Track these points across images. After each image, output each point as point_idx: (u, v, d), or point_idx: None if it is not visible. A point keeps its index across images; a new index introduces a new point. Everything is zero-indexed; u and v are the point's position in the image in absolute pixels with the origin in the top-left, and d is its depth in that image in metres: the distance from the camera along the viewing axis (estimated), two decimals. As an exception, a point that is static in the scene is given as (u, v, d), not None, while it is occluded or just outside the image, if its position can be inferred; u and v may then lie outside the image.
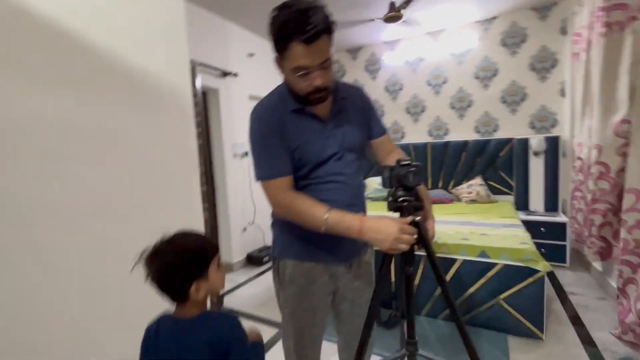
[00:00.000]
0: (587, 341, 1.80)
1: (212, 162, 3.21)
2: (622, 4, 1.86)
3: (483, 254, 1.98)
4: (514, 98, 3.42)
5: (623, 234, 1.72)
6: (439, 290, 2.07)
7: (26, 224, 1.17)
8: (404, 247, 0.81)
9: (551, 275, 2.64)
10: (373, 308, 0.91)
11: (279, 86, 0.99)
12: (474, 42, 3.53)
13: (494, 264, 1.91)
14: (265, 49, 3.68)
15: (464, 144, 3.55)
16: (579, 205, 2.55)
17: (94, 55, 1.37)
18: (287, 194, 0.92)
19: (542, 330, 1.82)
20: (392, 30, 3.61)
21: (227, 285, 2.88)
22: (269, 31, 0.83)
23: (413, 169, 0.83)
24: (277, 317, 2.22)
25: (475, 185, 3.39)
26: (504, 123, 3.50)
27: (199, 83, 2.20)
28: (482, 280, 1.94)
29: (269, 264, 3.34)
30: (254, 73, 3.50)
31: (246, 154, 3.41)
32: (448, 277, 2.03)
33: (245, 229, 3.42)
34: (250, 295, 2.68)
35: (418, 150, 3.78)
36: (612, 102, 1.99)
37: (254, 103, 3.59)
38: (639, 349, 1.58)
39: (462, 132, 3.71)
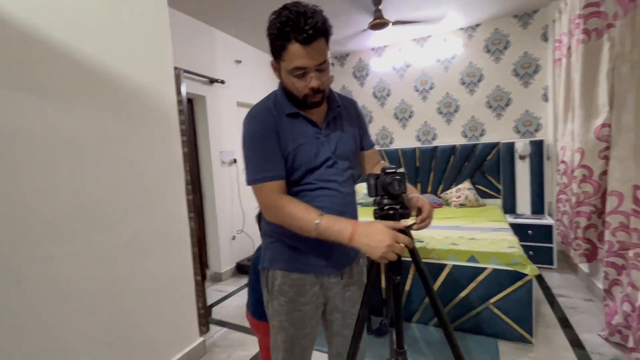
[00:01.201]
0: (576, 344, 1.81)
1: (199, 170, 3.17)
2: (599, 12, 1.92)
3: (472, 258, 1.98)
4: (499, 103, 3.48)
5: (607, 236, 1.75)
6: (429, 296, 2.06)
7: (12, 234, 1.12)
8: (394, 256, 0.80)
9: (539, 278, 2.66)
10: (361, 318, 0.89)
11: (274, 91, 0.99)
12: (458, 49, 3.59)
13: (483, 269, 1.92)
14: (252, 56, 3.67)
15: (452, 149, 3.59)
16: (564, 208, 2.59)
17: (76, 64, 1.34)
18: (280, 197, 0.91)
19: (531, 334, 1.83)
20: (378, 37, 3.65)
21: (215, 296, 2.82)
22: (267, 33, 0.85)
23: (398, 177, 0.83)
24: (266, 327, 2.18)
25: (463, 190, 3.42)
26: (490, 127, 3.55)
27: (184, 90, 2.17)
28: (472, 285, 1.94)
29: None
30: (241, 80, 3.48)
31: (234, 161, 3.37)
32: (438, 283, 2.03)
33: (234, 238, 3.36)
34: (239, 306, 2.62)
35: (407, 155, 3.81)
36: (592, 107, 2.03)
37: (242, 110, 3.53)
38: (626, 350, 1.60)
39: (449, 136, 3.75)
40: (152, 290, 1.64)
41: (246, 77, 3.55)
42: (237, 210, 3.40)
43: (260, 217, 1.13)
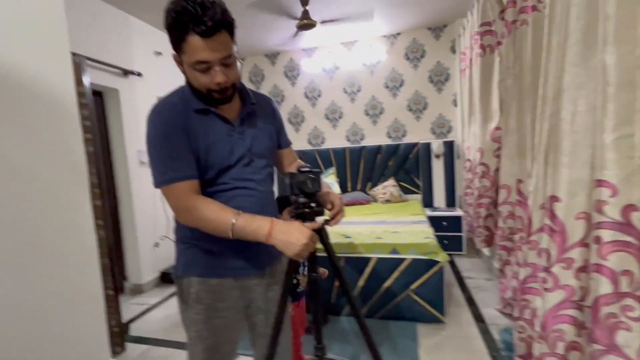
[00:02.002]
0: (479, 318, 2.08)
1: (112, 172, 2.84)
2: (491, 31, 2.22)
3: (394, 250, 2.14)
4: (417, 107, 3.82)
5: (500, 223, 2.04)
6: (357, 291, 2.16)
7: None
8: (307, 254, 0.82)
9: (452, 263, 2.99)
10: (279, 318, 0.89)
11: (181, 86, 0.92)
12: (382, 55, 3.83)
13: (403, 259, 2.08)
14: (175, 48, 3.41)
15: (378, 149, 3.82)
16: (469, 200, 2.95)
17: None
18: (193, 198, 0.85)
19: (443, 314, 2.04)
20: (308, 38, 3.70)
21: (135, 310, 2.56)
22: (165, 25, 0.79)
23: (312, 175, 0.84)
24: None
25: (389, 187, 3.67)
26: (411, 129, 3.87)
27: (87, 81, 1.91)
28: (395, 275, 2.09)
29: (187, 281, 3.09)
30: (162, 73, 3.21)
31: (156, 161, 3.10)
32: (365, 275, 2.14)
33: (157, 245, 3.09)
34: (164, 318, 2.42)
35: (338, 155, 3.94)
36: (488, 112, 2.35)
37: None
38: (514, 319, 1.88)
39: (376, 137, 3.99)
40: (47, 311, 1.41)
41: (168, 70, 3.27)
42: (160, 214, 3.13)
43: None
